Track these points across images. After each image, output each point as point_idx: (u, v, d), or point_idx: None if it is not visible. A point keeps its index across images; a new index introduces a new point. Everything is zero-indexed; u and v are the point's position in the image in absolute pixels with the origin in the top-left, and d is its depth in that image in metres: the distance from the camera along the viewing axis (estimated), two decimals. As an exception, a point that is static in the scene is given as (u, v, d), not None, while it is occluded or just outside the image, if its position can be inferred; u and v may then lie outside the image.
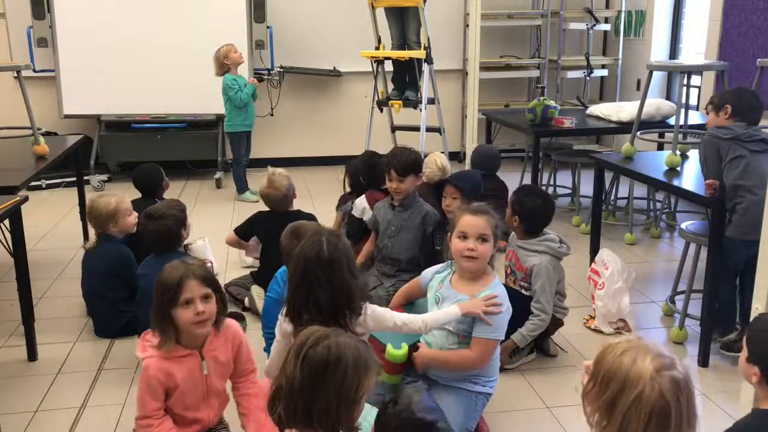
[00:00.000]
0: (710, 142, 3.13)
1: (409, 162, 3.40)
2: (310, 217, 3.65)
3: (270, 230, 3.52)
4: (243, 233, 3.83)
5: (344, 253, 2.05)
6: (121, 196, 3.52)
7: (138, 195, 3.98)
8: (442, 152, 4.82)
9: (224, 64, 5.71)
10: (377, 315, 2.13)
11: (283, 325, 2.10)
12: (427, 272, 2.71)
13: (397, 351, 2.55)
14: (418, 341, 2.61)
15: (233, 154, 6.00)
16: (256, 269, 3.87)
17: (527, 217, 3.15)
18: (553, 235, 3.18)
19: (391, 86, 6.22)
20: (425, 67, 5.81)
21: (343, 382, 1.53)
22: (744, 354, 1.68)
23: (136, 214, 3.42)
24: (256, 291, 3.66)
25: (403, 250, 3.49)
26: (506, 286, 3.08)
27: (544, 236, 3.15)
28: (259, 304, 3.59)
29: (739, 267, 3.10)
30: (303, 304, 2.00)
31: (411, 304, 2.86)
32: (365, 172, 4.13)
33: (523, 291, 3.12)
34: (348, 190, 4.42)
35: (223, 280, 3.90)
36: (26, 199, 3.11)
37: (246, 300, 3.70)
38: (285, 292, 2.23)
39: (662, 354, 1.42)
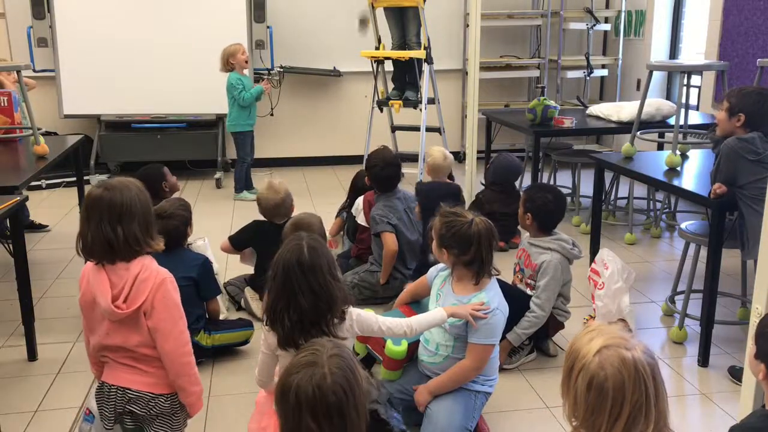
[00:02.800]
0: (731, 156, 3.01)
1: None
2: None
3: (266, 241, 3.48)
4: (237, 243, 3.75)
5: (325, 257, 1.99)
6: None
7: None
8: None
9: (229, 63, 5.72)
10: (362, 320, 2.10)
11: (267, 338, 2.06)
12: (434, 269, 2.72)
13: (396, 347, 2.55)
14: (418, 339, 2.62)
15: (238, 153, 5.97)
16: (251, 273, 3.86)
17: (539, 214, 3.15)
18: (567, 236, 3.18)
19: (391, 86, 6.22)
20: (425, 67, 5.81)
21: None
22: (752, 350, 1.68)
23: None
24: (250, 293, 3.67)
25: None
26: (509, 285, 3.10)
27: (557, 235, 3.16)
28: (254, 305, 3.61)
29: None
30: (285, 309, 1.96)
31: (417, 303, 2.87)
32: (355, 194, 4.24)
33: (529, 290, 3.12)
34: (348, 199, 4.44)
35: (222, 279, 3.90)
36: (26, 199, 3.11)
37: (242, 301, 3.71)
38: None
39: (621, 336, 1.46)
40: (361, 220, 3.99)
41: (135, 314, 1.96)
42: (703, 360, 3.14)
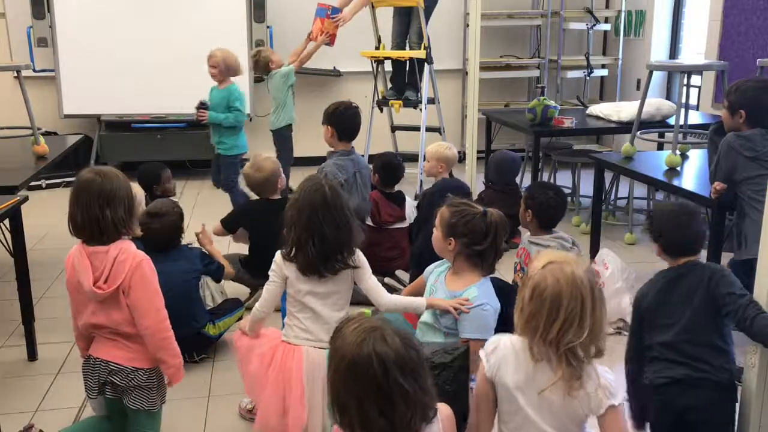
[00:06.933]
0: (729, 154, 3.01)
1: None
2: None
3: (258, 219, 3.65)
4: (229, 225, 3.77)
5: (341, 195, 2.33)
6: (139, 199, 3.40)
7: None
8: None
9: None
10: (362, 262, 2.38)
11: (283, 268, 2.32)
12: (430, 267, 2.73)
13: None
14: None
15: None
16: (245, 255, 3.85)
17: (540, 211, 3.12)
18: (567, 235, 3.17)
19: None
20: (425, 67, 5.81)
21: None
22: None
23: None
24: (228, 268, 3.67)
25: None
26: (509, 284, 3.10)
27: (557, 234, 3.15)
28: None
29: None
30: (310, 239, 2.24)
31: None
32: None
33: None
34: None
35: (223, 277, 3.89)
36: (26, 199, 3.12)
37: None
38: None
39: (566, 257, 1.74)
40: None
41: (115, 293, 2.14)
42: (703, 360, 3.13)
